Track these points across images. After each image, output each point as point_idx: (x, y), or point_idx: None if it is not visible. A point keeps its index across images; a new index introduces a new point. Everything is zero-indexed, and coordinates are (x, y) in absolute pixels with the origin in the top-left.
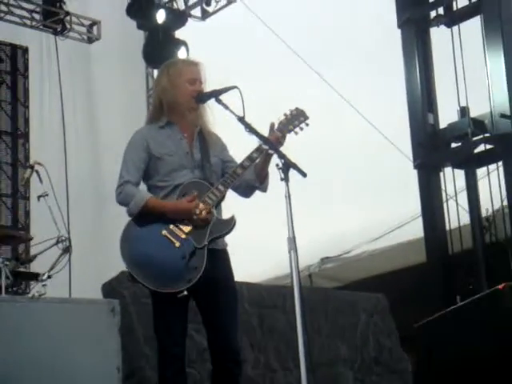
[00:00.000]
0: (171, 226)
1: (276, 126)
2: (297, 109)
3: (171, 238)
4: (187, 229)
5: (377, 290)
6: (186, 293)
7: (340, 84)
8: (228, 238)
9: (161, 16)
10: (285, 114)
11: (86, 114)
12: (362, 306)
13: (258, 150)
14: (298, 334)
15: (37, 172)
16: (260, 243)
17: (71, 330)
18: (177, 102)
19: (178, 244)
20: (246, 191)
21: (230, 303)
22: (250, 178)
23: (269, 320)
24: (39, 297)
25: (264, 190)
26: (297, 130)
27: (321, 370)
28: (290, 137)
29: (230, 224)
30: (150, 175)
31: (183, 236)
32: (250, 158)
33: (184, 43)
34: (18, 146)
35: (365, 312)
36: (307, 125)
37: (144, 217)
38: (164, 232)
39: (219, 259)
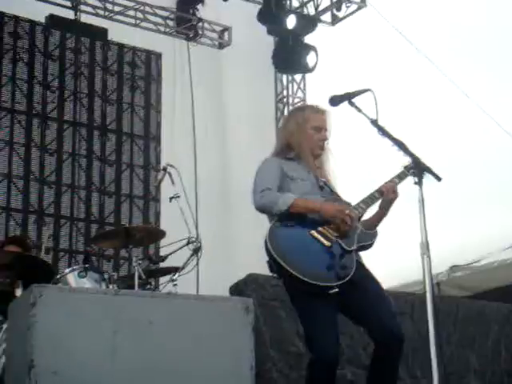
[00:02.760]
0: (320, 228)
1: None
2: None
3: (321, 238)
4: (335, 232)
5: (508, 300)
6: (337, 290)
7: (472, 88)
8: None
9: (291, 21)
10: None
11: (216, 118)
12: (492, 316)
13: (400, 176)
14: (431, 342)
15: (169, 174)
16: (386, 249)
17: (205, 327)
18: (302, 146)
19: (328, 244)
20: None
21: (383, 292)
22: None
23: None
24: (175, 293)
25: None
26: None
27: (451, 381)
28: (425, 140)
29: (374, 235)
30: None
31: (333, 237)
32: (392, 181)
33: (313, 48)
34: (150, 149)
35: (496, 322)
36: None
37: (289, 219)
38: (313, 232)
39: (362, 268)
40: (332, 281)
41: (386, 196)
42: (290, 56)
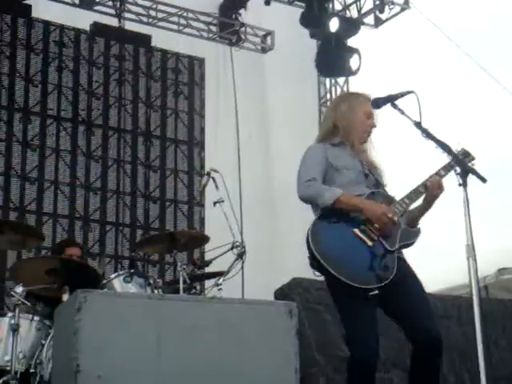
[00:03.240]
0: (362, 226)
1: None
2: (463, 150)
3: (363, 237)
4: (378, 232)
5: None
6: (377, 291)
7: None
8: None
9: (334, 24)
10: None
11: (259, 123)
12: None
13: (446, 167)
14: (478, 346)
15: (213, 179)
16: (431, 252)
17: (249, 331)
18: (353, 127)
19: (370, 243)
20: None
21: (423, 291)
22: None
23: (442, 330)
24: (219, 297)
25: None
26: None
27: None
28: (469, 141)
29: (417, 234)
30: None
31: (375, 237)
32: (438, 174)
33: (357, 51)
34: (193, 155)
35: None
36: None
37: (333, 215)
38: (356, 230)
39: (403, 265)
40: (373, 283)
41: (430, 191)
42: (332, 59)
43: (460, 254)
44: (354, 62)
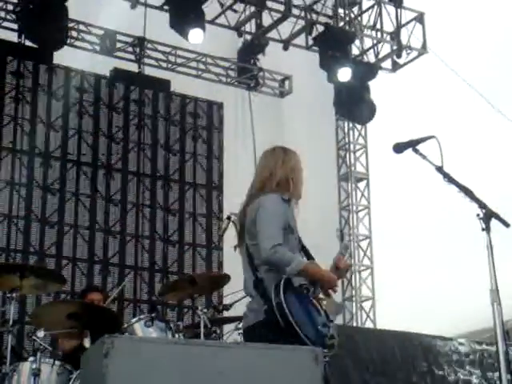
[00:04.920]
0: (316, 293)
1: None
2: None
3: (317, 306)
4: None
5: None
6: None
7: None
8: (420, 292)
9: (352, 69)
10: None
11: None
12: None
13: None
14: None
15: (233, 223)
16: (453, 296)
17: (275, 377)
18: (299, 188)
19: (322, 312)
20: None
21: None
22: None
23: (466, 376)
24: (244, 343)
25: None
26: None
27: None
28: (491, 185)
29: (342, 307)
30: None
31: (323, 306)
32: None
33: (370, 103)
34: (212, 198)
35: None
36: None
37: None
38: (312, 300)
39: None
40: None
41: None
42: (350, 105)
43: (482, 298)
44: (367, 110)
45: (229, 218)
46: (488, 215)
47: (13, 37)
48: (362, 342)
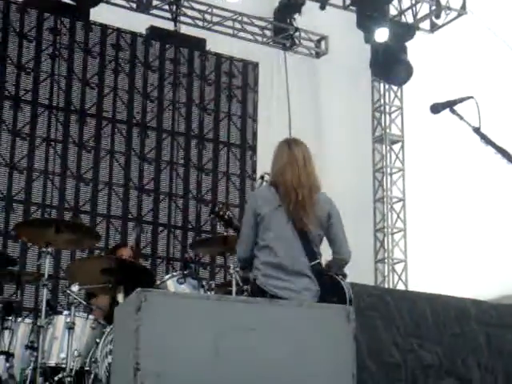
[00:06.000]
0: None
1: None
2: None
3: None
4: None
5: None
6: None
7: None
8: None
9: (383, 34)
10: None
11: (313, 128)
12: None
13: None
14: None
15: (267, 182)
16: (487, 260)
17: (307, 335)
18: None
19: None
20: None
21: None
22: None
23: (497, 340)
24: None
25: None
26: None
27: None
28: None
29: None
30: None
31: None
32: None
33: (407, 63)
34: (246, 158)
35: None
36: None
37: None
38: None
39: None
40: None
41: None
42: (386, 66)
43: None
44: (404, 71)
45: (262, 177)
46: None
47: None
48: (393, 303)
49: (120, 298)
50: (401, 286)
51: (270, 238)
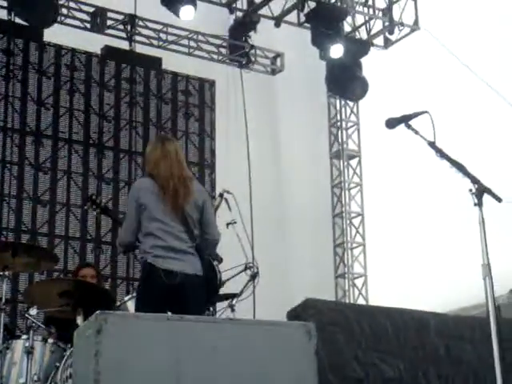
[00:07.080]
0: None
1: None
2: None
3: None
4: None
5: None
6: None
7: None
8: (412, 269)
9: (344, 46)
10: None
11: (270, 143)
12: None
13: None
14: (496, 367)
15: (226, 200)
16: (444, 272)
17: (268, 352)
18: None
19: None
20: None
21: None
22: None
23: (456, 351)
24: (237, 319)
25: None
26: None
27: None
28: (483, 161)
29: None
30: None
31: None
32: None
33: (362, 79)
34: (205, 177)
35: None
36: None
37: None
38: None
39: None
40: None
41: None
42: (342, 82)
43: (473, 274)
44: (360, 87)
45: (221, 195)
46: (480, 190)
47: (2, 14)
48: (354, 318)
49: (79, 320)
50: (361, 301)
51: (154, 225)
